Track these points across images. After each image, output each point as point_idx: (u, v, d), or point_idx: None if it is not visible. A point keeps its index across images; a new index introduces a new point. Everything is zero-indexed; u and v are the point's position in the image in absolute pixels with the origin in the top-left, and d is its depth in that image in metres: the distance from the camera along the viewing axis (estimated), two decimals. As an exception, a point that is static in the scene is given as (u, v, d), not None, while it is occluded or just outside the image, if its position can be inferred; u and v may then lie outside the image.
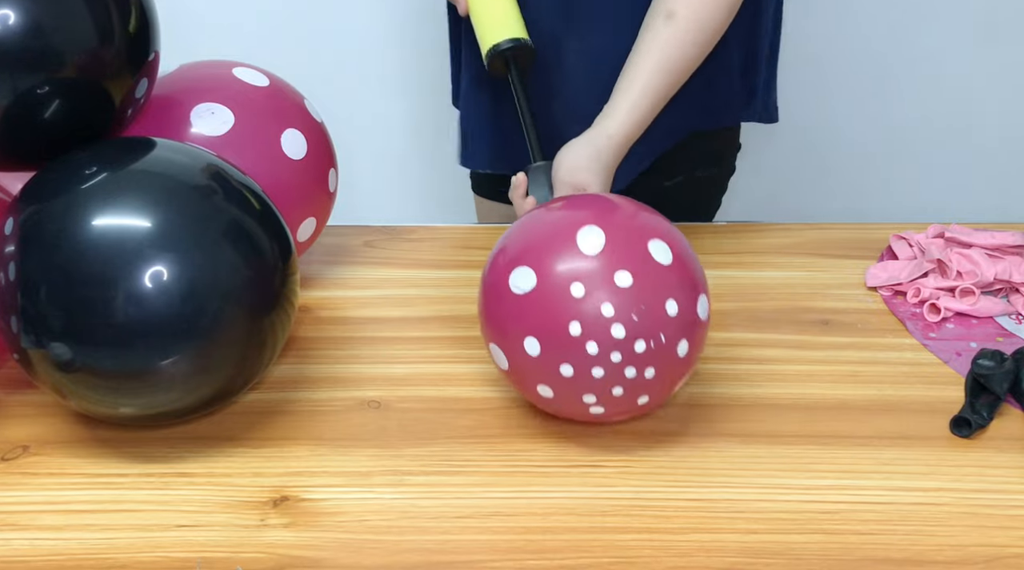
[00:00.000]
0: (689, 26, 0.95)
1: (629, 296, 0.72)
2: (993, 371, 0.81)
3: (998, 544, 0.70)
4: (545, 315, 0.73)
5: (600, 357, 0.72)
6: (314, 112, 0.95)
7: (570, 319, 0.72)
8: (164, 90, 0.89)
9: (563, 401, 0.76)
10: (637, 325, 0.72)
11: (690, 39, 0.95)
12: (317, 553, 0.70)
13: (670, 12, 0.94)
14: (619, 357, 0.72)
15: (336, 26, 1.74)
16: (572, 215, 0.78)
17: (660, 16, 0.95)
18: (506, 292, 0.75)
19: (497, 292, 0.76)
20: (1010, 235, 1.01)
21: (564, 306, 0.72)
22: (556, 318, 0.72)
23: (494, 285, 0.77)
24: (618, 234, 0.75)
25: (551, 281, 0.73)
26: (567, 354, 0.73)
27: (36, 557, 0.70)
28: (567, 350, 0.72)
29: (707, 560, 0.69)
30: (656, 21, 0.96)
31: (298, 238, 0.94)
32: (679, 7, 0.94)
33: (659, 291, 0.73)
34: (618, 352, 0.72)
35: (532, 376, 0.76)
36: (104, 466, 0.77)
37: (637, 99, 0.95)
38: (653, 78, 0.95)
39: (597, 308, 0.72)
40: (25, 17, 0.71)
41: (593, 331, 0.72)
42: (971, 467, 0.77)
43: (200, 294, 0.71)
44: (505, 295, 0.75)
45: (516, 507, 0.74)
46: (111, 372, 0.71)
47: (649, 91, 0.95)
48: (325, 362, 0.89)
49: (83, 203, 0.71)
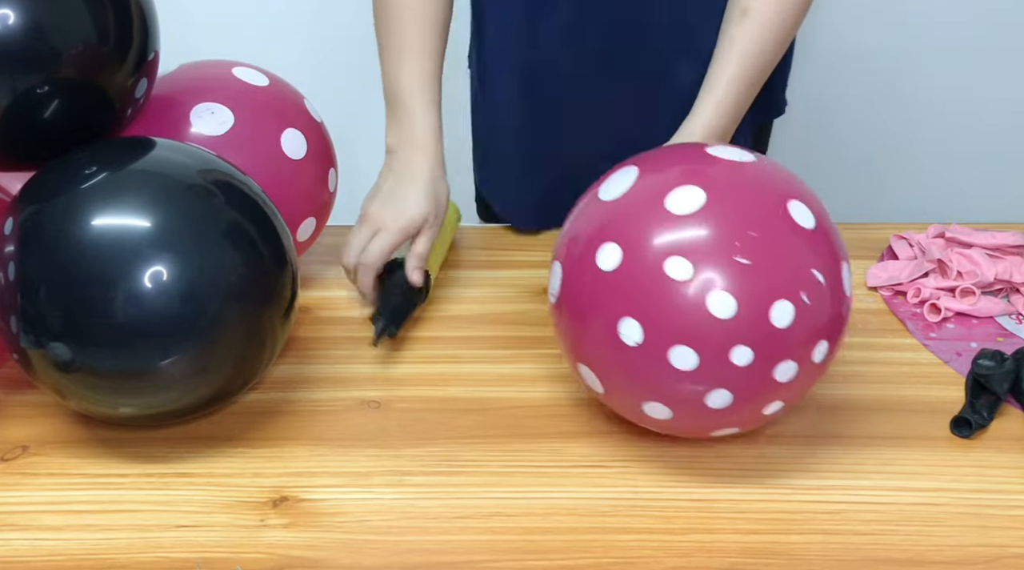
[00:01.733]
0: (764, 20, 0.94)
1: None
2: (993, 371, 0.81)
3: (998, 544, 0.70)
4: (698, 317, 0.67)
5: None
6: (314, 112, 0.95)
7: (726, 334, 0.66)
8: (164, 90, 0.88)
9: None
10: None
11: (766, 34, 0.94)
12: (317, 553, 0.70)
13: (744, 9, 0.94)
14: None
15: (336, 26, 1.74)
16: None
17: (735, 13, 0.94)
18: (661, 281, 0.67)
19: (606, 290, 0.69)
20: (1010, 235, 1.01)
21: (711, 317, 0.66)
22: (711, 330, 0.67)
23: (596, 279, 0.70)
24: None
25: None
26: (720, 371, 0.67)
27: (36, 557, 0.70)
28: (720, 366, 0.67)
29: (707, 560, 0.69)
30: (731, 19, 0.94)
31: (298, 238, 0.94)
32: (753, 3, 0.93)
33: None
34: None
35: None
36: (104, 466, 0.77)
37: (721, 97, 0.94)
38: (733, 73, 0.94)
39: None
40: (25, 17, 0.71)
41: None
42: (971, 467, 0.77)
43: (200, 294, 0.70)
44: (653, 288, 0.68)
45: (516, 507, 0.74)
46: (111, 372, 0.71)
47: (731, 88, 0.94)
48: (325, 362, 0.89)
49: (83, 203, 0.71)
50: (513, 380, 0.87)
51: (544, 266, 1.03)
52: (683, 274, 0.66)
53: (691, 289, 0.66)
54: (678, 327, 0.67)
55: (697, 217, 0.68)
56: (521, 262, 1.05)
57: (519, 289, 1.00)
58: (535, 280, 1.01)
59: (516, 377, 0.87)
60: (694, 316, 0.66)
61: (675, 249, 0.67)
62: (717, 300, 0.66)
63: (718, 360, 0.66)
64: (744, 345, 0.66)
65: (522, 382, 0.86)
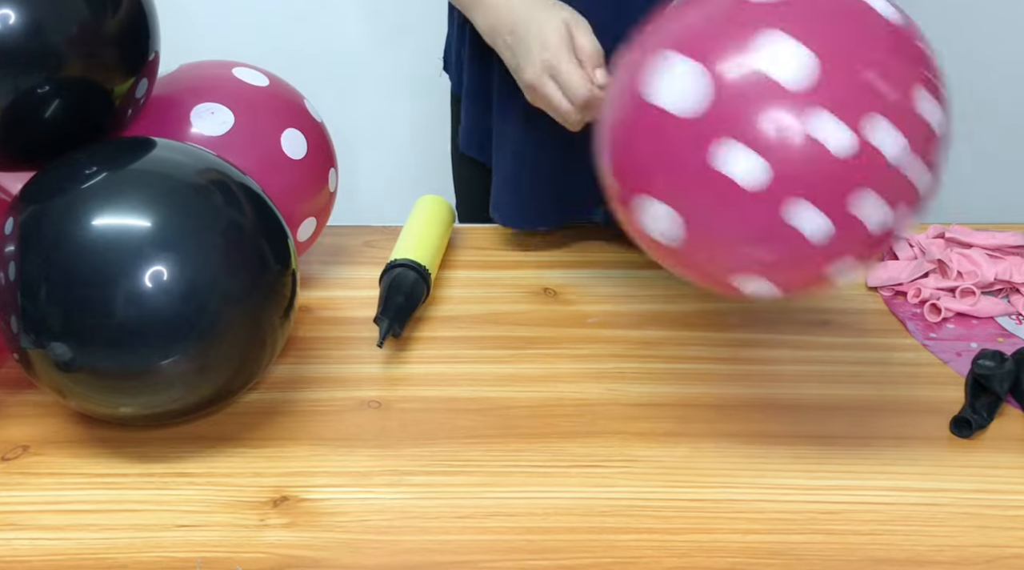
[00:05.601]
0: None
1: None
2: (993, 371, 0.81)
3: (998, 544, 0.70)
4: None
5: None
6: (314, 112, 0.95)
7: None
8: (164, 90, 0.88)
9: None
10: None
11: None
12: (317, 553, 0.70)
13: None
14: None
15: (336, 26, 1.75)
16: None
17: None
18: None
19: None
20: (1011, 235, 1.01)
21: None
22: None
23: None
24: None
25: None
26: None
27: (36, 557, 0.70)
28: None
29: (707, 560, 0.69)
30: None
31: (298, 238, 0.94)
32: None
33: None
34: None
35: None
36: (104, 466, 0.77)
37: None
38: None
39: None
40: (25, 17, 0.71)
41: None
42: (971, 467, 0.77)
43: (200, 294, 0.70)
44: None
45: (516, 507, 0.74)
46: (111, 372, 0.71)
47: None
48: (325, 362, 0.89)
49: (83, 203, 0.71)
50: (513, 380, 0.87)
51: (544, 266, 1.04)
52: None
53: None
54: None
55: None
56: (521, 262, 1.05)
57: (519, 289, 1.00)
58: (535, 280, 1.01)
59: (516, 377, 0.87)
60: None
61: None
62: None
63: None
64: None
65: (522, 382, 0.86)
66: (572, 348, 0.91)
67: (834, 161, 0.60)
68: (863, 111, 0.60)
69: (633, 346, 0.91)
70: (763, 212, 0.61)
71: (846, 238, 0.62)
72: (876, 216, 0.62)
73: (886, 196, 0.62)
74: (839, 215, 0.61)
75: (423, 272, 0.94)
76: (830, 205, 0.61)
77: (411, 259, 0.95)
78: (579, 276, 1.02)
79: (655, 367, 0.88)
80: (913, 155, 0.62)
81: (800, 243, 0.61)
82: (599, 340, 0.92)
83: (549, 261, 1.05)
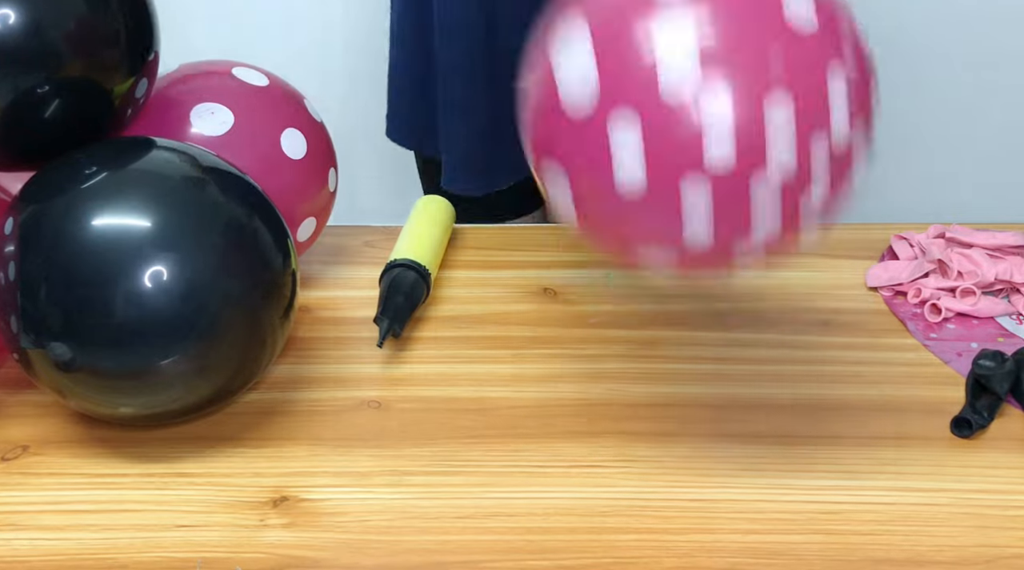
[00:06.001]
0: None
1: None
2: (994, 371, 0.81)
3: (998, 545, 0.70)
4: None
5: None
6: (314, 112, 0.95)
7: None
8: (164, 90, 0.88)
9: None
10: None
11: None
12: (317, 553, 0.70)
13: None
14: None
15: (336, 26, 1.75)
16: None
17: None
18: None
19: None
20: (1011, 235, 1.01)
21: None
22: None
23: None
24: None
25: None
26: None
27: (36, 557, 0.70)
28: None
29: (707, 560, 0.69)
30: None
31: (298, 238, 0.94)
32: None
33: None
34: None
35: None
36: (104, 466, 0.77)
37: None
38: None
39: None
40: (25, 17, 0.71)
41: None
42: (971, 468, 0.77)
43: (200, 294, 0.70)
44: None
45: (516, 507, 0.74)
46: (111, 372, 0.71)
47: None
48: (325, 362, 0.89)
49: (83, 203, 0.71)
50: (513, 380, 0.87)
51: (544, 266, 1.04)
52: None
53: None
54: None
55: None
56: (521, 262, 1.05)
57: (519, 289, 1.00)
58: (535, 280, 1.01)
59: (516, 377, 0.87)
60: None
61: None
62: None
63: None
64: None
65: (522, 382, 0.86)
66: (572, 348, 0.91)
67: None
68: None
69: (633, 346, 0.91)
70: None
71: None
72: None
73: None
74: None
75: (423, 272, 0.94)
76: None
77: (411, 259, 0.95)
78: (579, 276, 1.02)
79: (655, 367, 0.88)
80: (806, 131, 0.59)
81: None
82: (599, 340, 0.92)
83: (549, 261, 1.05)
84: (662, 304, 0.97)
